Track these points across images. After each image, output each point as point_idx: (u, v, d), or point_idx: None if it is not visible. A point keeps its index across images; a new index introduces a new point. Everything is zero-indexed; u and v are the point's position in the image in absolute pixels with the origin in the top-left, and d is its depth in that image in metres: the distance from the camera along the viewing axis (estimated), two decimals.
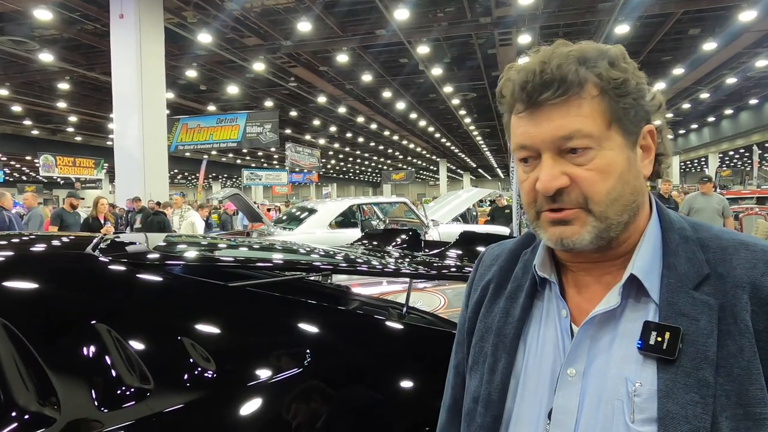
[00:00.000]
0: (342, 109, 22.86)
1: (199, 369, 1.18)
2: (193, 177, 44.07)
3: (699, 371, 0.61)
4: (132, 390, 1.12)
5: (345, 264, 1.90)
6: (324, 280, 2.15)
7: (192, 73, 16.41)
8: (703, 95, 21.76)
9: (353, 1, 12.01)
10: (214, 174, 42.51)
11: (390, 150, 39.21)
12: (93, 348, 1.17)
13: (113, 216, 10.48)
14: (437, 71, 16.68)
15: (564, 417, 0.67)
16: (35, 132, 27.03)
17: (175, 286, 1.41)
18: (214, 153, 31.79)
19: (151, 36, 11.00)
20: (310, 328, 1.36)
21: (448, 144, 35.61)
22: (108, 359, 1.15)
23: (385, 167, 49.80)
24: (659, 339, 0.63)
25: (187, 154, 28.51)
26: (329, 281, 2.19)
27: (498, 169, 52.58)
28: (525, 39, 13.12)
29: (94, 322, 1.20)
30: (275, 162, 40.43)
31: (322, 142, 32.28)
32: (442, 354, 0.97)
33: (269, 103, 21.21)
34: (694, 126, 31.88)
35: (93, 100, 19.96)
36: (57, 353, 1.16)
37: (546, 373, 0.71)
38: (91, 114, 22.27)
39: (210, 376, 1.18)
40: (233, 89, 18.72)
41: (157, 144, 11.42)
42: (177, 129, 15.93)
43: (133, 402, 1.11)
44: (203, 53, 14.33)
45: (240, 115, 16.20)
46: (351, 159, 45.47)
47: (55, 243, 1.82)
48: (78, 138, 28.70)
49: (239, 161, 40.64)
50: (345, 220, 9.90)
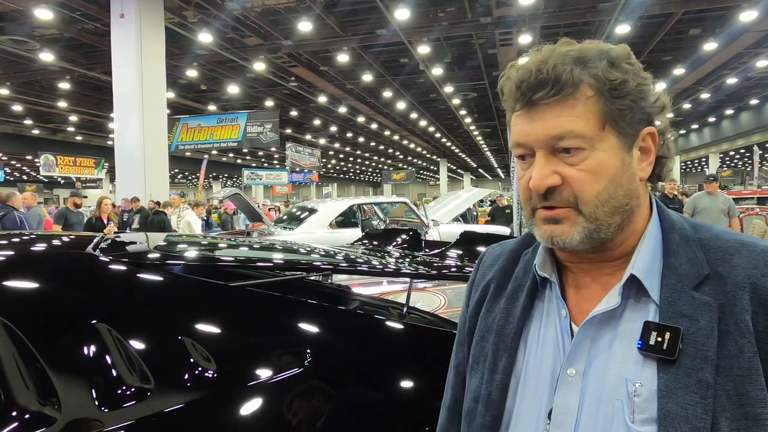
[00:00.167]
0: (342, 109, 22.85)
1: (200, 369, 1.18)
2: (194, 177, 44.04)
3: (699, 371, 0.61)
4: (132, 390, 1.12)
5: (345, 264, 1.90)
6: (324, 280, 2.15)
7: (192, 73, 16.40)
8: (704, 95, 21.73)
9: (354, 1, 12.01)
10: (214, 174, 42.50)
11: (390, 150, 39.19)
12: (93, 347, 1.17)
13: (117, 216, 10.47)
14: (438, 71, 16.66)
15: (564, 417, 0.68)
16: (36, 131, 27.03)
17: (176, 285, 1.42)
18: (214, 153, 31.79)
19: (152, 35, 10.99)
20: (310, 328, 1.36)
21: (448, 144, 35.59)
22: (108, 359, 1.15)
23: (386, 167, 49.77)
24: (659, 339, 0.63)
25: (188, 153, 28.51)
26: (329, 281, 2.19)
27: (498, 169, 52.57)
28: (525, 39, 13.10)
29: (94, 321, 1.20)
30: (276, 162, 40.41)
31: (322, 141, 32.26)
32: (442, 354, 0.97)
33: (270, 103, 21.20)
34: (694, 126, 31.85)
35: (93, 99, 19.95)
36: (57, 353, 1.16)
37: (546, 373, 0.71)
38: (92, 113, 22.26)
39: (210, 375, 1.18)
40: (234, 89, 18.71)
41: (158, 143, 11.39)
42: (177, 129, 15.90)
43: (134, 402, 1.11)
44: (204, 53, 14.32)
45: (240, 115, 16.16)
46: (351, 159, 45.46)
47: (56, 242, 1.83)
48: (78, 137, 28.69)
49: (240, 161, 40.63)
50: (345, 220, 9.90)
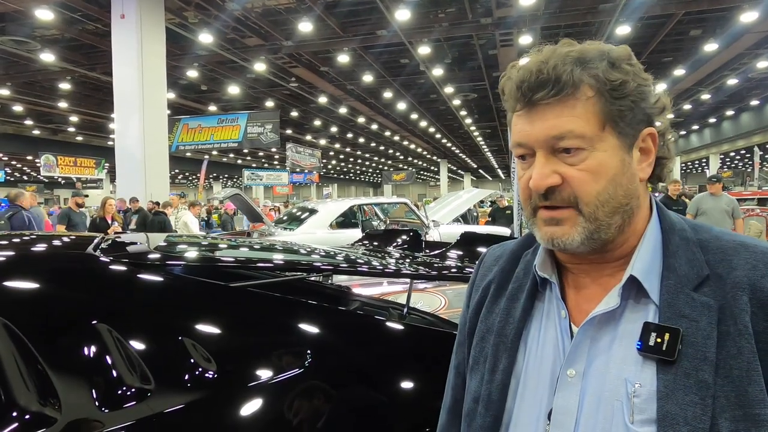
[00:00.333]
0: (343, 110, 22.84)
1: (200, 369, 1.18)
2: (194, 177, 44.07)
3: (698, 372, 0.61)
4: (133, 390, 1.13)
5: (345, 264, 1.90)
6: (325, 280, 2.16)
7: (193, 73, 16.40)
8: (704, 96, 21.72)
9: (354, 2, 12.01)
10: (215, 174, 42.53)
11: (391, 150, 39.18)
12: (94, 348, 1.17)
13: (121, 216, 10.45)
14: (438, 72, 16.65)
15: (564, 417, 0.68)
16: (36, 132, 27.04)
17: (176, 286, 1.42)
18: (215, 153, 31.79)
19: (152, 36, 11.00)
20: (310, 328, 1.36)
21: (448, 144, 35.58)
22: (109, 359, 1.15)
23: (386, 168, 49.78)
24: (659, 340, 0.63)
25: (188, 154, 28.55)
26: (330, 282, 2.19)
27: (499, 170, 52.54)
28: (526, 40, 13.09)
29: (94, 322, 1.20)
30: (276, 162, 40.41)
31: (322, 142, 32.26)
32: (442, 355, 0.97)
33: (270, 104, 21.19)
34: (695, 127, 31.83)
35: (94, 100, 19.95)
36: (58, 353, 1.16)
37: (546, 374, 0.71)
38: (92, 114, 22.26)
39: (211, 376, 1.18)
40: (234, 89, 18.71)
41: (158, 144, 11.39)
42: (178, 129, 15.91)
43: (134, 402, 1.11)
44: (204, 53, 14.31)
45: (241, 116, 16.17)
46: (352, 159, 45.45)
47: (56, 243, 1.83)
48: (79, 138, 28.70)
49: (240, 161, 40.63)
50: (346, 220, 9.90)
